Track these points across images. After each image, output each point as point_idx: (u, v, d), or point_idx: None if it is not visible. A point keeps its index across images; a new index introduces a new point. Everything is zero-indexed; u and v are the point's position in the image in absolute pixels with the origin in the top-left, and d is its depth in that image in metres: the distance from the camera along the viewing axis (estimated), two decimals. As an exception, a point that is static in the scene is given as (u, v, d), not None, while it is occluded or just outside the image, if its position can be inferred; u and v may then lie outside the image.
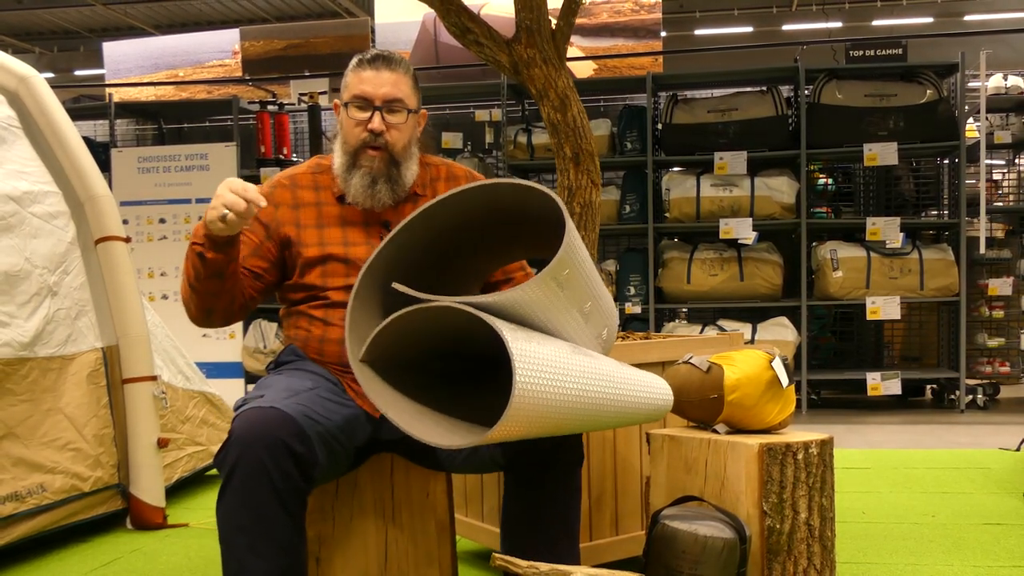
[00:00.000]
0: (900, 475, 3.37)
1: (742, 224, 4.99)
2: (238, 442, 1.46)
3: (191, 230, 5.43)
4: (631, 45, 6.49)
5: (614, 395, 1.49)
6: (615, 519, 2.16)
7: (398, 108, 1.73)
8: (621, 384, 1.52)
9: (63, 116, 2.80)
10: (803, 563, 1.80)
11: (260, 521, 1.46)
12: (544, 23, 2.49)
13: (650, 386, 1.62)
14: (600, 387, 1.46)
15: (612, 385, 1.49)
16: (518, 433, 1.36)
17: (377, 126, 1.71)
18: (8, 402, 2.43)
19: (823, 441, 1.85)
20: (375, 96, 1.72)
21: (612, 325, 1.67)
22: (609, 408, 1.49)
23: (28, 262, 2.56)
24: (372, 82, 1.72)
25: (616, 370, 1.54)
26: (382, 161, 1.73)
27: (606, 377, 1.49)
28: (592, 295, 1.54)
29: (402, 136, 1.75)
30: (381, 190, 1.73)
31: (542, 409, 1.34)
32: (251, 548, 1.46)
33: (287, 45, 7.23)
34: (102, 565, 2.46)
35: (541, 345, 1.38)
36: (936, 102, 4.99)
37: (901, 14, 13.13)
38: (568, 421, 1.43)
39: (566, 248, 1.40)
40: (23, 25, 13.91)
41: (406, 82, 1.75)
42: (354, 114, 1.73)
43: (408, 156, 1.77)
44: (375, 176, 1.72)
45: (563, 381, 1.38)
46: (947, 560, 2.34)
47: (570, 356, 1.43)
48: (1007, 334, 5.31)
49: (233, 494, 1.46)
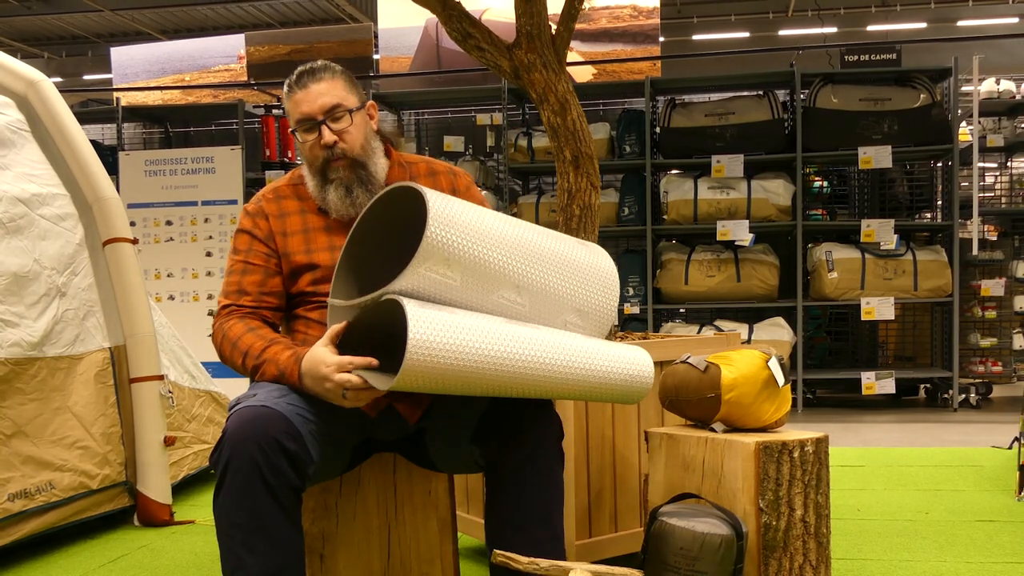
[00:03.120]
0: (894, 473, 3.39)
1: (739, 226, 5.02)
2: (231, 441, 1.48)
3: (197, 232, 5.48)
4: (630, 50, 6.51)
5: (551, 361, 1.54)
6: (614, 516, 2.18)
7: (339, 114, 1.72)
8: (567, 353, 1.57)
9: (71, 120, 2.83)
10: (799, 559, 1.80)
11: (255, 518, 1.48)
12: (544, 28, 2.52)
13: (622, 359, 1.65)
14: (526, 351, 1.52)
15: (549, 351, 1.55)
16: (425, 385, 1.46)
17: (328, 138, 1.71)
18: (17, 401, 2.45)
19: (818, 439, 1.84)
20: (313, 112, 1.71)
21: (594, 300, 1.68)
22: (547, 373, 1.54)
23: (37, 263, 2.58)
24: (305, 100, 1.71)
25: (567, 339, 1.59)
26: (347, 168, 1.73)
27: (540, 343, 1.54)
28: (528, 273, 1.59)
29: (355, 137, 1.74)
30: (358, 195, 1.73)
31: (442, 364, 1.44)
32: (247, 544, 1.49)
33: (291, 50, 7.24)
34: (110, 561, 2.47)
35: (442, 311, 1.47)
36: (930, 106, 5.03)
37: (895, 19, 13.15)
38: (485, 380, 1.50)
39: (429, 240, 1.45)
40: (32, 31, 13.92)
41: (338, 85, 1.74)
42: (304, 137, 1.74)
43: (369, 153, 1.77)
44: (348, 185, 1.73)
45: (466, 339, 1.46)
46: (940, 556, 2.36)
47: (479, 320, 1.51)
48: (999, 334, 5.34)
49: (227, 492, 1.49)
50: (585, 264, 1.70)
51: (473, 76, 6.13)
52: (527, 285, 1.60)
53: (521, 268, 1.59)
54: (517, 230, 1.62)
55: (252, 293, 1.74)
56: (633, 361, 1.67)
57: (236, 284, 1.75)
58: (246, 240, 1.78)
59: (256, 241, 1.77)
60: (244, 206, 1.84)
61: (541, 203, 5.46)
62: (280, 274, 1.77)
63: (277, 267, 1.76)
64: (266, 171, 5.59)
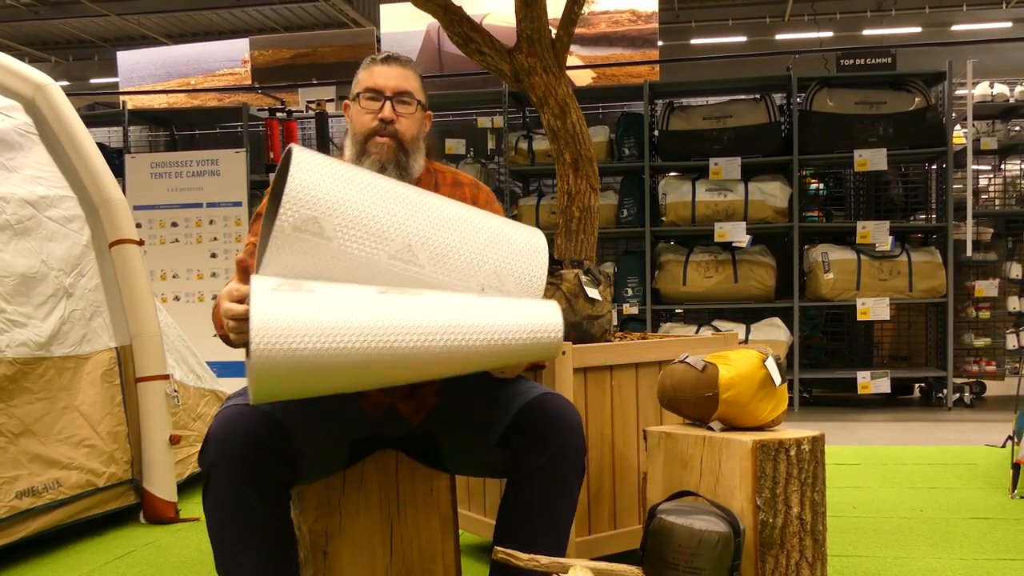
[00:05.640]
0: (889, 471, 3.41)
1: (736, 228, 5.05)
2: (214, 440, 1.49)
3: (202, 233, 5.50)
4: (629, 54, 6.55)
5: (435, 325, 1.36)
6: (613, 513, 2.20)
7: (408, 100, 1.76)
8: (453, 313, 1.38)
9: (78, 123, 2.85)
10: (795, 556, 1.81)
11: (243, 515, 1.49)
12: (544, 33, 2.54)
13: (522, 312, 1.43)
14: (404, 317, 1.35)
15: (432, 314, 1.37)
16: (288, 391, 1.33)
17: (388, 114, 1.73)
18: (25, 400, 2.47)
19: (815, 438, 1.85)
20: (386, 87, 1.75)
21: (514, 265, 1.52)
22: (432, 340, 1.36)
23: (44, 264, 2.61)
24: (383, 75, 1.76)
25: (452, 299, 1.41)
26: (391, 148, 1.74)
27: (419, 307, 1.37)
28: (424, 230, 1.44)
29: (411, 127, 1.76)
30: (391, 176, 1.71)
31: (300, 369, 1.29)
32: (238, 542, 1.49)
33: (295, 54, 7.27)
34: (116, 558, 2.49)
35: (300, 305, 1.31)
36: (924, 109, 5.07)
37: (890, 24, 13.17)
38: (359, 374, 1.34)
39: (294, 188, 1.34)
40: (39, 35, 13.91)
41: (415, 78, 1.80)
42: (365, 104, 1.75)
43: (416, 148, 1.79)
44: (384, 163, 1.74)
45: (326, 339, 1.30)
46: (935, 553, 2.38)
47: (349, 309, 1.33)
48: (993, 334, 5.36)
49: (214, 491, 1.50)
50: (500, 231, 1.53)
51: (474, 80, 6.15)
52: (424, 244, 1.44)
53: (415, 224, 1.44)
54: (409, 191, 1.48)
55: None
56: (535, 312, 1.44)
57: (252, 244, 1.73)
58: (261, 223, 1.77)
59: None
60: (266, 189, 1.84)
61: (541, 205, 5.49)
62: None
63: None
64: (269, 173, 5.60)
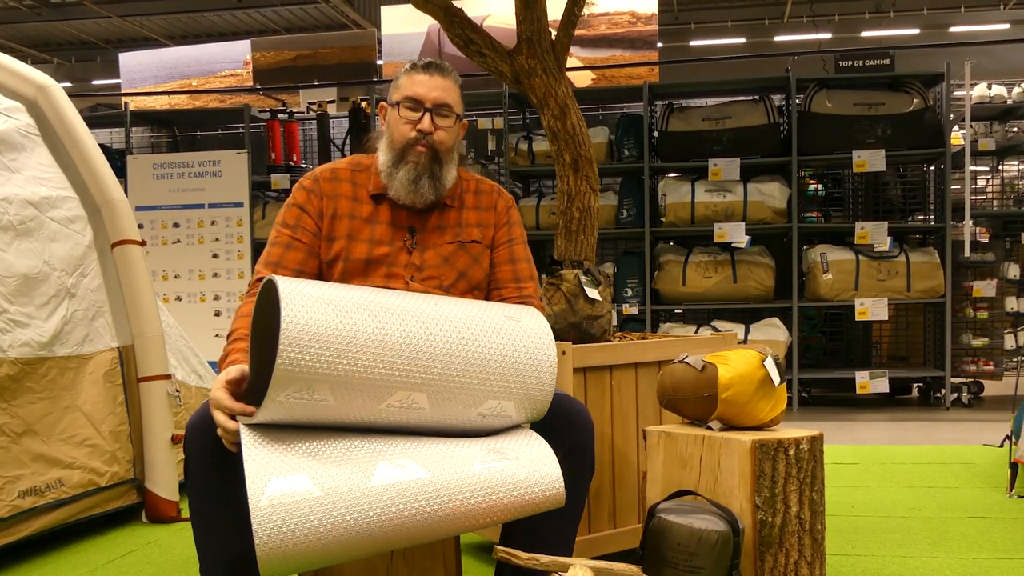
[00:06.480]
0: (887, 470, 3.42)
1: (735, 228, 5.06)
2: (188, 434, 1.53)
3: (204, 234, 5.50)
4: (628, 56, 6.57)
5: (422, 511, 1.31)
6: (613, 513, 2.21)
7: (447, 113, 1.77)
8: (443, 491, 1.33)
9: (80, 124, 2.86)
10: (794, 555, 1.82)
11: (215, 506, 1.51)
12: (544, 35, 2.56)
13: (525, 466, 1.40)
14: (388, 506, 1.30)
15: (418, 499, 1.31)
16: (295, 568, 1.30)
17: (427, 126, 1.75)
18: (27, 400, 2.48)
19: (813, 437, 1.86)
20: (427, 98, 1.76)
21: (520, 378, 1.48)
22: (422, 528, 1.32)
23: (47, 265, 2.62)
24: (425, 85, 1.76)
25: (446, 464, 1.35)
26: (427, 158, 1.75)
27: (419, 506, 1.31)
28: (425, 369, 1.38)
29: (448, 139, 1.78)
30: (424, 185, 1.75)
31: (304, 548, 1.26)
32: (210, 531, 1.52)
33: (296, 56, 7.29)
34: (118, 557, 2.50)
35: (291, 478, 1.28)
36: (922, 111, 5.08)
37: (889, 26, 13.19)
38: (352, 548, 1.30)
39: (283, 366, 1.29)
40: (42, 36, 13.92)
41: (455, 90, 1.81)
42: (405, 114, 1.76)
43: (451, 159, 1.81)
44: (419, 172, 1.75)
45: (322, 519, 1.27)
46: (933, 552, 2.39)
47: (347, 489, 1.29)
48: (991, 334, 5.36)
49: (190, 482, 1.54)
50: (504, 338, 1.47)
51: (474, 81, 6.16)
52: (426, 383, 1.39)
53: (415, 366, 1.38)
54: (401, 322, 1.39)
55: (289, 270, 1.72)
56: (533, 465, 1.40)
57: (277, 257, 1.74)
58: (296, 214, 1.77)
59: (307, 217, 1.76)
60: (300, 180, 1.83)
61: (541, 206, 5.50)
62: (318, 256, 1.77)
63: (319, 249, 1.77)
64: (271, 174, 5.62)
